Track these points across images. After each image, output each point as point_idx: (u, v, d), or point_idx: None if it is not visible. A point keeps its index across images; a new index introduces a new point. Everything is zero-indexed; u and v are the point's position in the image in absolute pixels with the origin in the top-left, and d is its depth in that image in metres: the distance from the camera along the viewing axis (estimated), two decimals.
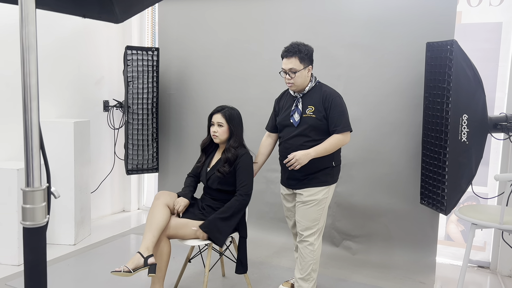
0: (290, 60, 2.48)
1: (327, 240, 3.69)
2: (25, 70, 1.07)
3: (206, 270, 2.58)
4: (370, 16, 3.46)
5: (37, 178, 1.10)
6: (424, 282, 3.13)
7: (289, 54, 2.49)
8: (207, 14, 4.19)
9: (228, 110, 2.67)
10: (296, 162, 2.43)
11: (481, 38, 3.35)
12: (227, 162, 2.62)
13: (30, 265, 1.12)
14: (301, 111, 2.54)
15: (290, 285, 2.89)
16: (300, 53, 2.47)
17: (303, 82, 2.53)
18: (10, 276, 3.01)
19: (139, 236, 3.98)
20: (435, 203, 3.00)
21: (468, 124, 2.81)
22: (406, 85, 3.38)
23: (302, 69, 2.48)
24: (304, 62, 2.49)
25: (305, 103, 2.55)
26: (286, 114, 2.61)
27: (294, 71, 2.47)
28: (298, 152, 2.44)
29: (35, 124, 1.09)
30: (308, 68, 2.52)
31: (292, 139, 2.56)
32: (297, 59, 2.47)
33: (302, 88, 2.55)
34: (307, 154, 2.43)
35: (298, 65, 2.47)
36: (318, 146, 2.47)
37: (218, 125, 2.65)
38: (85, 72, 4.24)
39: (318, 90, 2.56)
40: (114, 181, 4.74)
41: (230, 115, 2.65)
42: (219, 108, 2.69)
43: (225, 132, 2.66)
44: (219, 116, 2.65)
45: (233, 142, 2.65)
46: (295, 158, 2.43)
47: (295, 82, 2.50)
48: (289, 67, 2.48)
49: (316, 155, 2.46)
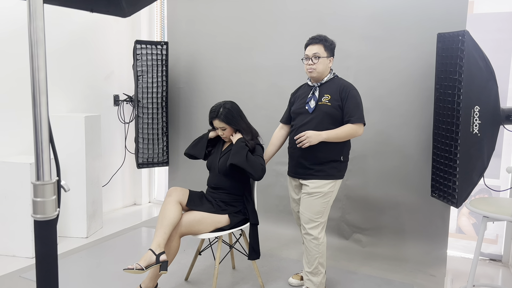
0: (314, 46, 2.58)
1: (337, 233, 3.68)
2: (33, 65, 1.08)
3: (216, 262, 2.60)
4: (379, 7, 3.42)
5: (47, 171, 1.12)
6: (434, 275, 3.11)
7: (315, 41, 2.59)
8: (216, 7, 4.18)
9: (222, 112, 2.67)
10: (306, 140, 2.46)
11: (493, 28, 3.29)
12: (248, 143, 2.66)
13: (41, 257, 1.13)
14: (317, 98, 2.59)
15: (300, 277, 2.90)
16: (325, 42, 2.59)
17: (323, 70, 2.59)
18: (24, 268, 3.07)
19: (150, 229, 4.02)
20: (446, 195, 2.98)
21: (480, 116, 2.77)
22: (417, 77, 3.34)
23: (325, 56, 2.57)
24: (328, 51, 2.59)
25: (322, 92, 2.60)
26: (302, 102, 2.66)
27: (318, 56, 2.56)
28: (310, 131, 2.49)
29: (44, 118, 1.10)
30: (330, 59, 2.61)
31: (305, 125, 2.58)
32: (322, 47, 2.57)
33: (321, 77, 2.61)
34: (319, 135, 2.47)
35: (322, 52, 2.57)
36: (331, 130, 2.50)
37: (221, 129, 2.70)
38: (95, 67, 4.27)
39: (336, 82, 2.62)
40: (125, 174, 4.78)
41: (226, 117, 2.66)
42: (214, 114, 2.69)
43: (231, 131, 2.72)
44: (218, 122, 2.69)
45: (246, 136, 2.70)
46: (306, 135, 2.47)
47: (317, 67, 2.57)
48: (314, 52, 2.57)
49: (327, 139, 2.48)
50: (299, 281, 2.88)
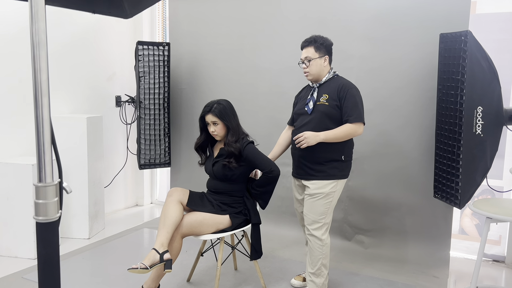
0: (306, 49, 2.60)
1: (339, 234, 3.67)
2: (35, 67, 1.08)
3: (219, 263, 2.60)
4: (381, 8, 3.41)
5: (49, 173, 1.11)
6: (437, 276, 3.10)
7: (306, 44, 2.62)
8: (218, 8, 4.18)
9: (217, 107, 2.67)
10: (304, 140, 2.46)
11: (496, 28, 3.27)
12: (232, 157, 2.64)
13: (44, 259, 1.13)
14: (315, 99, 2.60)
15: (302, 278, 2.90)
16: (315, 43, 2.58)
17: (318, 71, 2.59)
18: (26, 269, 3.07)
19: (152, 230, 4.02)
20: (449, 196, 2.96)
21: (483, 117, 2.76)
22: (419, 78, 3.33)
23: (317, 57, 2.57)
24: (320, 51, 2.58)
25: (321, 92, 2.61)
26: (303, 103, 2.68)
27: (309, 59, 2.57)
28: (308, 132, 2.49)
29: (46, 120, 1.09)
30: (324, 58, 2.60)
31: (304, 126, 2.59)
32: (312, 48, 2.58)
33: (319, 78, 2.62)
34: (316, 136, 2.46)
35: (313, 53, 2.57)
36: (329, 131, 2.50)
37: (213, 123, 2.69)
38: (97, 68, 4.27)
39: (335, 81, 2.62)
40: (127, 175, 4.78)
41: (220, 112, 2.66)
42: (208, 108, 2.69)
43: (222, 129, 2.70)
44: (210, 116, 2.68)
45: (230, 137, 2.67)
46: (303, 136, 2.47)
47: (310, 70, 2.59)
48: (305, 55, 2.59)
49: (325, 139, 2.47)
50: (302, 283, 2.87)
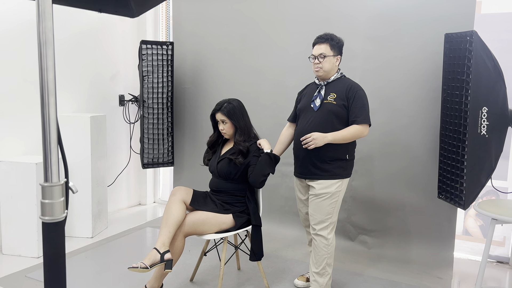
0: (321, 46, 2.59)
1: (343, 234, 3.66)
2: (42, 65, 1.07)
3: (222, 263, 2.59)
4: (386, 7, 3.40)
5: (55, 173, 1.11)
6: (441, 277, 3.09)
7: (321, 40, 2.60)
8: (221, 7, 4.17)
9: (226, 106, 2.70)
10: (312, 142, 2.45)
11: (501, 28, 3.26)
12: (240, 154, 2.66)
13: (50, 259, 1.13)
14: (322, 97, 2.59)
15: (305, 279, 2.89)
16: (332, 41, 2.59)
17: (330, 69, 2.59)
18: (30, 268, 3.07)
19: (155, 229, 4.02)
20: (453, 197, 2.95)
21: (488, 117, 2.74)
22: (424, 78, 3.32)
23: (331, 55, 2.57)
24: (334, 50, 2.59)
25: (328, 90, 2.60)
26: (308, 99, 2.67)
27: (324, 56, 2.56)
28: (316, 132, 2.48)
29: (53, 119, 1.09)
30: (337, 58, 2.61)
31: (310, 124, 2.58)
32: (328, 46, 2.58)
33: (328, 75, 2.62)
34: (324, 137, 2.46)
35: (328, 51, 2.57)
36: (336, 132, 2.50)
37: (222, 122, 2.71)
38: (101, 67, 4.27)
39: (343, 81, 2.62)
40: (130, 175, 4.78)
41: (229, 111, 2.68)
42: (218, 106, 2.72)
43: (230, 127, 2.72)
44: (220, 114, 2.71)
45: (238, 136, 2.70)
46: (312, 137, 2.46)
47: (323, 66, 2.57)
48: (319, 52, 2.57)
49: (333, 140, 2.47)
50: (305, 283, 2.87)
